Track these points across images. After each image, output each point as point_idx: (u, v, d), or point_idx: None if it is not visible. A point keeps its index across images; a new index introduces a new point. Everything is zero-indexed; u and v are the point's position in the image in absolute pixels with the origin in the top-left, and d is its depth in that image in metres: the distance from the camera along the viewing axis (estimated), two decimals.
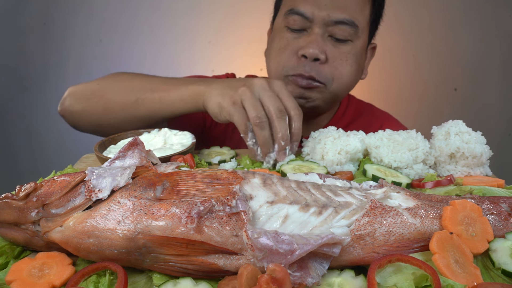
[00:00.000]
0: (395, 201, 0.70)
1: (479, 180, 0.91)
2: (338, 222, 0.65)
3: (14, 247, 0.70)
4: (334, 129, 1.08)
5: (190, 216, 0.61)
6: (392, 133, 1.04)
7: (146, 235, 0.61)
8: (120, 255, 0.62)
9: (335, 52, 1.25)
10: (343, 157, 1.00)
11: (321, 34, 1.24)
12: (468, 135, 0.96)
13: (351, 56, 1.28)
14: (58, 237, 0.64)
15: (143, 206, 0.63)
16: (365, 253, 0.63)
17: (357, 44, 1.29)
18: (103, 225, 0.62)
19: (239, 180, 0.68)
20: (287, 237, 0.59)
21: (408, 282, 0.56)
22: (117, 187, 0.66)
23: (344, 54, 1.26)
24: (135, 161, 0.75)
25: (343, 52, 1.26)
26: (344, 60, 1.26)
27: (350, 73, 1.29)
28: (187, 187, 0.67)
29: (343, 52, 1.26)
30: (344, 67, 1.27)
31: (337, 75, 1.26)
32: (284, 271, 0.55)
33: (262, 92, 1.01)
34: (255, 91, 1.01)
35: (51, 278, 0.61)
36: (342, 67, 1.26)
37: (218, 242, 0.61)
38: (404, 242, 0.65)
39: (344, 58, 1.26)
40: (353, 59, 1.28)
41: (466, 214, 0.67)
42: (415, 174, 0.97)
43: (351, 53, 1.27)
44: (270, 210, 0.65)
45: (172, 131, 1.14)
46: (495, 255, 0.64)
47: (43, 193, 0.67)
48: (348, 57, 1.27)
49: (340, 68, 1.26)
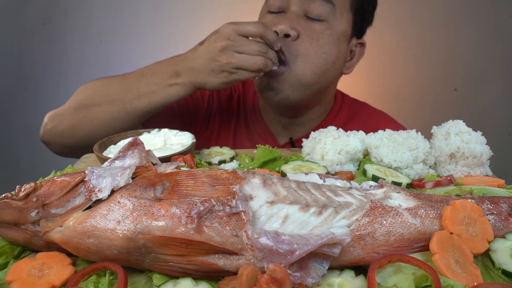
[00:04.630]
0: (395, 201, 0.70)
1: (479, 180, 0.91)
2: (338, 222, 0.65)
3: (14, 247, 0.70)
4: (334, 129, 1.08)
5: (190, 216, 0.61)
6: (392, 133, 1.04)
7: (146, 235, 0.61)
8: (120, 255, 0.62)
9: (307, 29, 1.22)
10: (343, 157, 1.00)
11: (296, 12, 1.23)
12: (468, 135, 0.96)
13: (325, 36, 1.23)
14: (58, 237, 0.64)
15: (143, 206, 0.63)
16: (365, 253, 0.63)
17: (334, 26, 1.24)
18: (103, 225, 0.62)
19: (239, 180, 0.68)
20: (287, 237, 0.59)
21: (408, 282, 0.56)
22: (117, 187, 0.66)
23: (316, 32, 1.22)
24: (135, 161, 0.75)
25: (315, 30, 1.23)
26: (315, 38, 1.22)
27: (319, 53, 1.22)
28: (187, 187, 0.67)
29: (314, 30, 1.23)
30: (312, 46, 1.22)
31: (304, 52, 1.21)
32: (284, 271, 0.55)
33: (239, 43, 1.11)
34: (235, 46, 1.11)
35: (51, 278, 0.61)
36: (311, 45, 1.22)
37: (218, 242, 0.61)
38: (404, 242, 0.65)
39: (315, 36, 1.22)
40: (325, 40, 1.23)
41: (466, 214, 0.67)
42: (415, 174, 0.97)
43: (324, 33, 1.23)
44: (270, 210, 0.65)
45: (172, 131, 1.14)
46: (495, 255, 0.64)
47: (43, 193, 0.67)
48: (320, 36, 1.22)
49: (308, 45, 1.21)
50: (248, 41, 1.11)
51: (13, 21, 2.60)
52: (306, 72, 1.23)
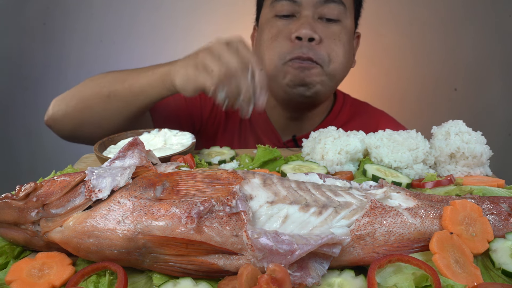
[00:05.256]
0: (395, 201, 0.70)
1: (479, 180, 0.91)
2: (338, 222, 0.65)
3: (14, 247, 0.70)
4: (334, 129, 1.08)
5: (190, 216, 0.61)
6: (392, 133, 1.04)
7: (146, 235, 0.61)
8: (120, 255, 0.62)
9: (327, 32, 1.25)
10: (343, 157, 1.00)
11: (311, 16, 1.24)
12: (468, 135, 0.96)
13: (343, 36, 1.28)
14: (58, 237, 0.64)
15: (143, 206, 0.63)
16: (365, 253, 0.63)
17: (347, 24, 1.30)
18: (103, 225, 0.62)
19: (239, 180, 0.68)
20: (287, 237, 0.59)
21: (408, 282, 0.56)
22: (117, 187, 0.66)
23: (336, 33, 1.27)
24: (135, 161, 0.75)
25: (335, 32, 1.27)
26: (337, 39, 1.27)
27: (344, 52, 1.29)
28: (187, 187, 0.67)
29: (334, 32, 1.27)
30: (338, 47, 1.27)
31: (334, 55, 1.26)
32: (284, 271, 0.55)
33: (222, 51, 1.01)
34: (215, 51, 1.02)
35: (51, 278, 0.61)
36: (337, 47, 1.26)
37: (218, 242, 0.61)
38: (404, 242, 0.65)
39: (337, 37, 1.27)
40: (345, 39, 1.28)
41: (466, 214, 0.67)
42: (415, 174, 0.97)
43: (342, 32, 1.28)
44: (270, 210, 0.65)
45: (172, 131, 1.14)
46: (495, 255, 0.64)
47: (43, 193, 0.67)
48: (340, 36, 1.27)
49: (335, 48, 1.26)
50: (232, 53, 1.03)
51: (13, 21, 2.60)
52: (338, 72, 1.29)
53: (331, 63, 1.26)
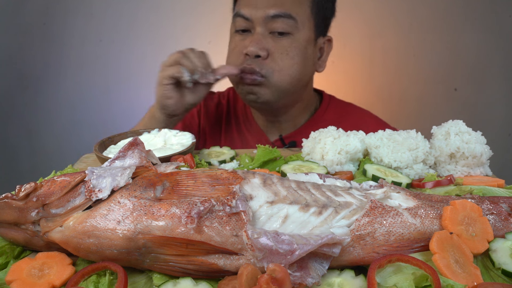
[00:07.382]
0: (395, 201, 0.70)
1: (479, 180, 0.91)
2: (338, 222, 0.65)
3: (14, 247, 0.70)
4: (334, 129, 1.08)
5: (190, 216, 0.61)
6: (392, 133, 1.04)
7: (146, 235, 0.61)
8: (120, 255, 0.62)
9: (276, 46, 1.33)
10: (343, 157, 1.00)
11: (262, 32, 1.33)
12: (468, 135, 0.96)
13: (293, 49, 1.34)
14: (58, 237, 0.64)
15: (143, 206, 0.63)
16: (365, 253, 0.63)
17: (299, 37, 1.35)
18: (103, 225, 0.62)
19: (239, 180, 0.68)
20: (287, 237, 0.59)
21: (408, 282, 0.56)
22: (117, 187, 0.66)
23: (285, 47, 1.34)
24: (135, 161, 0.75)
25: (283, 45, 1.34)
26: (284, 53, 1.33)
27: (292, 65, 1.34)
28: (187, 187, 0.67)
29: (283, 45, 1.34)
30: (284, 60, 1.34)
31: (277, 68, 1.33)
32: (284, 271, 0.55)
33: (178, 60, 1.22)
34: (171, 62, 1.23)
35: (51, 278, 0.61)
36: (282, 61, 1.33)
37: (218, 242, 0.61)
38: (404, 242, 0.65)
39: (284, 51, 1.33)
40: (294, 52, 1.34)
41: (466, 214, 0.67)
42: (415, 174, 0.97)
43: (292, 46, 1.34)
44: (270, 210, 0.65)
45: (172, 131, 1.14)
46: (495, 255, 0.64)
47: (43, 193, 0.67)
48: (289, 50, 1.34)
49: (280, 62, 1.33)
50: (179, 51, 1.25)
51: (13, 21, 2.59)
52: (283, 84, 1.36)
53: (274, 76, 1.33)
